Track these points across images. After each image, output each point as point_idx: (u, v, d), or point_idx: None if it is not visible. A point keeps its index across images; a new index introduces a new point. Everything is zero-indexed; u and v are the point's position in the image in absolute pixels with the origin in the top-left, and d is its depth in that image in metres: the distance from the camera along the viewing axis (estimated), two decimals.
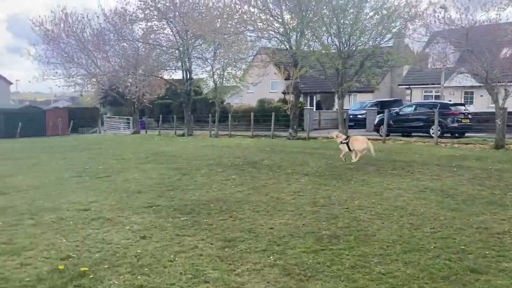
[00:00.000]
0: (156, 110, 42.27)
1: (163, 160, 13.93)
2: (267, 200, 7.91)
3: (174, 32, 26.63)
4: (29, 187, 9.57)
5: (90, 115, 40.30)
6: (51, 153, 17.42)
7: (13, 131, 32.38)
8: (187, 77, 27.89)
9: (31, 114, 34.75)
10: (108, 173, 11.40)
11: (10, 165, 13.63)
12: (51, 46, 30.00)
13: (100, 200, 8.16)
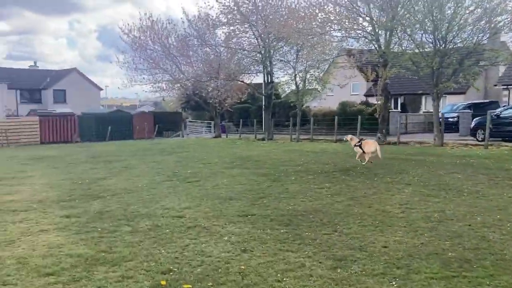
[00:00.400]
0: (235, 114, 42.69)
1: (249, 165, 13.59)
2: (372, 213, 7.15)
3: (256, 35, 26.49)
4: (123, 191, 9.60)
5: (174, 119, 41.54)
6: (140, 156, 17.84)
7: (103, 134, 34.16)
8: (268, 81, 27.61)
9: (119, 118, 36.51)
10: (198, 178, 11.23)
11: (103, 167, 14.03)
12: (138, 53, 31.24)
13: (193, 207, 7.89)
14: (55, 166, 14.73)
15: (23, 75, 46.49)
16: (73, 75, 47.67)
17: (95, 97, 49.00)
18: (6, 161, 16.76)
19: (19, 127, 30.25)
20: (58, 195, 9.08)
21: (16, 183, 10.89)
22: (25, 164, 15.62)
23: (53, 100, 45.47)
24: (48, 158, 17.88)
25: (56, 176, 12.15)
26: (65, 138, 32.63)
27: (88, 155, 19.11)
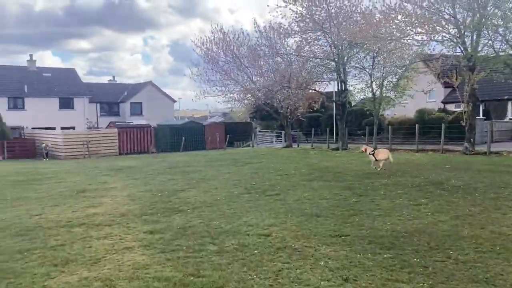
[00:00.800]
0: (304, 123, 41.96)
1: (329, 177, 12.86)
2: (488, 236, 6.18)
3: (330, 42, 25.72)
4: (203, 204, 9.29)
5: (244, 129, 41.65)
6: (215, 167, 17.70)
7: (177, 145, 34.89)
8: (342, 88, 26.67)
9: (192, 129, 37.16)
10: (277, 191, 10.70)
11: (181, 178, 13.95)
12: (210, 65, 31.60)
13: (279, 224, 7.34)
14: (135, 177, 14.91)
15: (103, 89, 49.04)
16: (149, 88, 49.53)
17: (169, 108, 50.52)
18: (89, 172, 17.30)
19: (99, 138, 31.64)
20: (140, 208, 8.93)
21: (98, 195, 10.99)
22: (106, 175, 16.00)
23: (130, 113, 47.45)
24: (127, 169, 18.26)
25: (136, 187, 12.18)
26: (142, 149, 33.67)
27: (165, 165, 19.32)
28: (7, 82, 40.61)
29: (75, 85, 44.31)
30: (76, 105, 43.07)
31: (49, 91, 41.86)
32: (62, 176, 15.83)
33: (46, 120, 39.56)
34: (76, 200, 10.14)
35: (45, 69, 45.24)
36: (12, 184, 13.57)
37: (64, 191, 11.64)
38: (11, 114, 38.32)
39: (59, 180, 14.50)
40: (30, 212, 8.75)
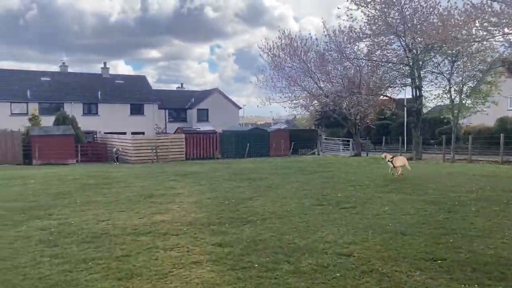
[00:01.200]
0: (373, 131, 40.33)
1: (408, 190, 11.79)
2: None
3: (404, 46, 24.36)
4: (272, 215, 8.68)
5: (309, 136, 40.79)
6: (281, 174, 17.09)
7: (242, 151, 34.76)
8: (417, 95, 25.13)
9: (257, 135, 36.90)
10: (352, 203, 9.86)
11: (247, 186, 13.47)
12: (277, 71, 31.22)
13: (360, 242, 6.56)
14: (201, 183, 14.64)
15: (171, 96, 50.31)
16: (215, 95, 50.14)
17: (234, 115, 50.83)
18: (157, 177, 17.34)
19: (167, 144, 32.20)
20: (207, 217, 8.49)
21: (165, 200, 10.73)
22: (173, 180, 15.90)
23: (196, 119, 48.24)
24: (193, 174, 18.13)
25: (202, 194, 11.84)
26: (207, 154, 33.88)
27: (230, 171, 19.01)
28: (83, 89, 42.74)
29: (145, 92, 45.78)
30: (146, 111, 44.43)
31: (121, 97, 43.53)
32: (131, 180, 15.93)
33: (118, 125, 41.10)
34: (143, 206, 9.92)
35: (117, 76, 47.22)
36: (82, 187, 13.77)
37: (132, 196, 11.53)
38: (85, 119, 40.26)
39: (127, 184, 14.55)
40: (98, 217, 8.59)
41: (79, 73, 45.89)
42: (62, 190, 13.08)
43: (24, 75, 41.99)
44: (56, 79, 42.88)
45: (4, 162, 27.09)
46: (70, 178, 16.73)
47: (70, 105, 40.54)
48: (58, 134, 29.09)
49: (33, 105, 37.50)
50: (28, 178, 16.95)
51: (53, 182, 15.25)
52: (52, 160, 27.88)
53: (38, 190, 13.05)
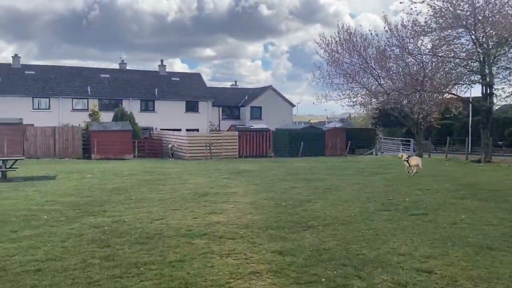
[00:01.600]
0: (434, 131, 38.19)
1: (484, 196, 10.66)
2: None
3: (474, 40, 22.64)
4: (335, 220, 7.98)
5: (367, 136, 39.35)
6: (339, 175, 16.27)
7: (296, 150, 34.03)
8: (487, 92, 23.31)
9: (311, 134, 36.00)
10: (422, 209, 8.96)
11: (304, 187, 12.81)
12: (334, 68, 30.16)
13: (439, 256, 5.74)
14: (255, 182, 14.15)
15: (225, 93, 50.39)
16: (269, 93, 49.66)
17: (288, 113, 50.12)
18: (210, 174, 17.08)
19: (221, 141, 32.09)
20: (265, 220, 7.93)
21: (220, 199, 10.31)
22: (227, 178, 15.53)
23: (250, 116, 48.00)
24: (247, 172, 17.71)
25: (258, 194, 11.32)
26: (260, 152, 33.47)
27: (284, 171, 18.43)
28: (141, 86, 43.66)
29: (200, 89, 46.11)
30: (201, 108, 44.73)
31: (177, 95, 44.08)
32: (186, 177, 15.73)
33: (173, 122, 41.61)
34: (197, 205, 9.54)
35: (174, 74, 47.88)
36: (138, 183, 13.68)
37: (186, 194, 11.22)
38: (143, 115, 41.03)
39: (182, 181, 14.34)
40: (152, 215, 8.28)
41: (137, 71, 46.94)
42: (118, 185, 13.04)
43: (85, 72, 43.50)
44: (115, 76, 44.09)
45: (65, 156, 28.03)
46: (127, 174, 16.81)
47: (128, 102, 41.51)
48: (116, 129, 29.73)
49: (93, 101, 38.73)
50: (86, 173, 17.23)
51: (109, 177, 15.34)
52: (110, 155, 28.51)
53: (95, 185, 13.08)
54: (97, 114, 35.21)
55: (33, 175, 16.29)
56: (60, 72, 42.11)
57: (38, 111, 38.25)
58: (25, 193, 11.29)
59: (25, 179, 15.13)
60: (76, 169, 19.29)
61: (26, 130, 27.35)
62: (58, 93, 39.57)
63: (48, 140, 27.70)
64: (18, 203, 9.70)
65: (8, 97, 37.06)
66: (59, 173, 17.15)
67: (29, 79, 39.64)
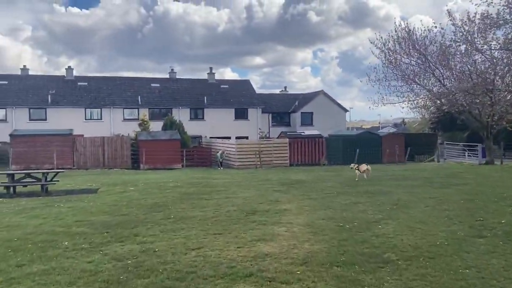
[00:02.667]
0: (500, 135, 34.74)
1: None
2: None
3: None
4: (417, 252, 6.24)
5: (427, 141, 36.52)
6: (406, 187, 14.31)
7: (350, 157, 31.91)
8: None
9: (367, 140, 33.75)
10: None
11: (368, 202, 11.05)
12: (391, 69, 27.97)
13: None
14: (310, 195, 12.53)
15: (275, 99, 49.02)
16: (320, 98, 47.76)
17: (340, 118, 47.93)
18: (260, 186, 15.63)
19: (271, 149, 30.65)
20: (327, 251, 6.32)
21: (270, 219, 8.79)
22: (277, 190, 14.01)
23: (300, 123, 46.30)
24: (299, 184, 16.11)
25: (314, 212, 9.71)
26: (313, 160, 31.72)
27: (341, 181, 16.67)
28: (190, 94, 43.20)
29: (249, 96, 45.04)
30: (250, 115, 43.61)
31: (226, 102, 43.22)
32: (233, 189, 14.37)
33: (223, 130, 40.73)
34: (243, 227, 8.08)
35: (223, 81, 47.14)
36: (180, 197, 12.46)
37: (232, 211, 9.80)
38: (192, 124, 40.45)
39: (228, 194, 12.97)
40: (188, 243, 6.90)
41: (186, 79, 46.59)
42: (159, 200, 11.87)
43: (136, 82, 43.61)
44: (164, 85, 43.91)
45: (114, 166, 27.63)
46: (171, 186, 15.71)
47: (178, 111, 41.11)
48: (164, 139, 29.05)
49: (143, 110, 38.55)
50: (130, 185, 16.30)
51: (152, 191, 14.25)
52: (159, 165, 27.82)
53: (134, 200, 11.97)
54: (146, 123, 34.86)
55: (74, 188, 15.54)
56: (112, 83, 42.45)
57: (90, 121, 38.55)
58: (58, 210, 10.32)
59: (66, 193, 14.37)
60: (122, 180, 18.48)
61: (75, 140, 27.19)
62: (110, 103, 39.75)
63: (97, 151, 27.41)
64: (44, 224, 8.67)
65: (61, 108, 37.64)
66: (102, 185, 16.34)
67: (81, 90, 40.17)
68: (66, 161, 26.54)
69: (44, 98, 37.60)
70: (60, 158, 26.26)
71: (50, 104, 37.39)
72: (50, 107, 37.39)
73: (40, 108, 37.31)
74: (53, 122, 36.06)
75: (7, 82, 38.62)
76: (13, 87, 38.16)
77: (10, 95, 37.12)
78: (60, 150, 26.37)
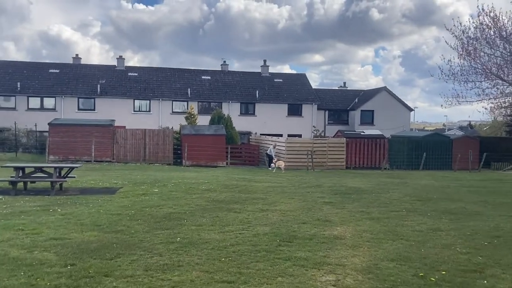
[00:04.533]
0: None
1: None
2: None
3: None
4: None
5: (507, 146, 31.83)
6: (498, 206, 11.00)
7: (415, 161, 28.29)
8: None
9: (436, 143, 29.80)
10: None
11: (452, 229, 8.01)
12: (469, 61, 23.98)
13: None
14: (371, 213, 9.62)
15: (332, 95, 45.70)
16: (382, 95, 43.81)
17: (404, 118, 43.71)
18: (307, 194, 12.87)
19: (325, 148, 27.63)
20: None
21: (313, 257, 6.05)
22: (328, 203, 11.20)
23: (360, 121, 42.70)
24: (356, 194, 13.17)
25: (378, 245, 6.84)
26: (372, 163, 28.36)
27: (410, 193, 13.54)
28: (241, 88, 40.94)
29: (305, 91, 42.04)
30: (304, 111, 40.67)
31: (279, 97, 40.54)
32: (273, 198, 11.73)
33: (274, 126, 38.21)
34: (271, 269, 5.39)
35: (276, 75, 44.41)
36: (205, 206, 9.99)
37: (261, 235, 7.16)
38: (242, 119, 38.22)
39: (266, 206, 10.34)
40: None
41: (239, 72, 44.29)
42: (176, 210, 9.46)
43: (187, 74, 41.95)
44: (216, 78, 41.93)
45: (156, 161, 25.84)
46: (202, 189, 13.31)
47: (228, 105, 38.98)
48: (208, 133, 26.86)
49: (192, 103, 36.71)
50: (158, 185, 14.11)
51: (177, 194, 11.91)
52: (202, 162, 25.70)
53: (147, 208, 9.63)
54: (193, 116, 32.97)
55: (94, 187, 13.53)
56: (162, 74, 41.03)
57: (138, 113, 37.31)
58: (45, 219, 8.16)
59: (81, 192, 12.38)
60: (153, 178, 16.38)
61: (116, 132, 25.62)
62: (159, 95, 38.28)
63: (138, 144, 25.68)
64: (8, 241, 6.47)
65: (110, 99, 36.62)
66: (128, 183, 14.27)
67: (131, 80, 39.01)
68: (105, 154, 25.03)
69: (94, 88, 36.73)
70: (99, 150, 24.79)
71: (99, 94, 36.45)
72: (99, 97, 36.45)
73: (89, 98, 36.48)
74: (101, 112, 35.07)
75: (58, 70, 38.18)
76: (63, 76, 37.63)
77: (60, 84, 36.59)
78: (100, 142, 24.88)
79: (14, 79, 36.07)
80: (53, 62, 41.29)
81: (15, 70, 37.32)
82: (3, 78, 36.23)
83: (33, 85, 36.14)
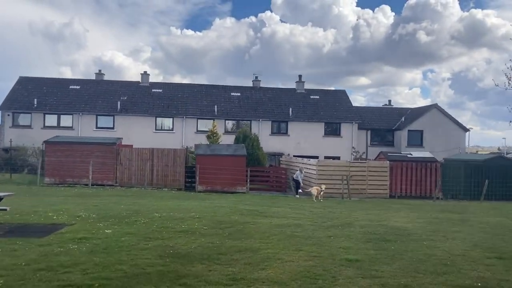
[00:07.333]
0: None
1: None
2: None
3: None
4: None
5: None
6: None
7: (475, 190, 23.32)
8: None
9: (500, 168, 24.69)
10: None
11: None
12: None
13: None
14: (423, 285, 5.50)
15: (375, 114, 41.15)
16: (433, 113, 38.82)
17: (458, 139, 38.42)
18: (328, 240, 8.86)
19: (364, 173, 23.27)
20: None
21: None
22: (353, 261, 7.14)
23: (407, 142, 37.83)
24: (400, 241, 9.01)
25: None
26: (422, 192, 23.77)
27: (476, 239, 9.21)
28: (273, 105, 37.31)
29: (344, 109, 37.81)
30: (343, 131, 36.39)
31: (315, 115, 36.53)
32: (270, 250, 7.82)
33: (309, 147, 34.32)
34: None
35: (313, 91, 40.44)
36: (147, 271, 6.23)
37: None
38: (273, 139, 34.67)
39: (247, 268, 6.51)
40: None
41: (271, 88, 40.65)
42: (79, 280, 5.74)
43: (215, 90, 38.85)
44: (246, 94, 38.57)
45: (164, 185, 22.44)
46: (180, 229, 9.57)
47: (258, 123, 35.45)
48: (226, 154, 23.20)
49: (218, 121, 33.38)
50: (126, 221, 10.51)
51: (129, 241, 8.22)
52: (218, 187, 22.06)
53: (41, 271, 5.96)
54: (216, 135, 29.60)
55: (37, 222, 10.10)
56: (188, 90, 38.16)
57: (160, 132, 34.42)
58: None
59: (11, 230, 8.99)
60: (137, 209, 12.86)
61: (120, 152, 22.47)
62: (183, 112, 35.28)
63: (144, 165, 22.38)
64: None
65: (130, 116, 34.03)
66: (88, 218, 10.78)
67: (155, 97, 36.31)
68: (107, 176, 21.91)
69: (114, 105, 34.25)
70: (100, 172, 21.71)
71: (119, 111, 33.90)
72: (118, 114, 33.89)
73: (107, 116, 33.98)
74: (121, 130, 32.45)
75: (79, 87, 36.12)
76: (84, 92, 35.47)
77: (79, 101, 34.38)
78: (101, 163, 21.82)
79: (32, 95, 34.25)
80: (75, 78, 39.33)
81: (34, 86, 35.61)
82: (21, 94, 34.48)
83: (51, 101, 34.10)
